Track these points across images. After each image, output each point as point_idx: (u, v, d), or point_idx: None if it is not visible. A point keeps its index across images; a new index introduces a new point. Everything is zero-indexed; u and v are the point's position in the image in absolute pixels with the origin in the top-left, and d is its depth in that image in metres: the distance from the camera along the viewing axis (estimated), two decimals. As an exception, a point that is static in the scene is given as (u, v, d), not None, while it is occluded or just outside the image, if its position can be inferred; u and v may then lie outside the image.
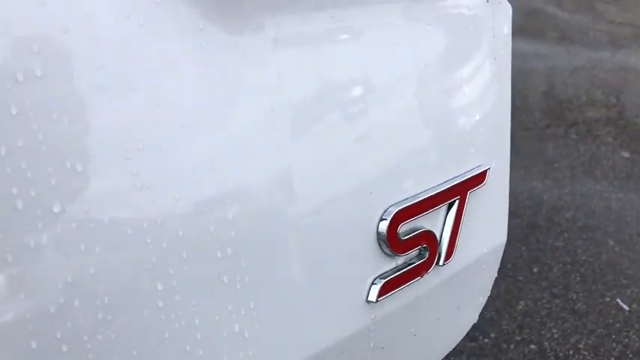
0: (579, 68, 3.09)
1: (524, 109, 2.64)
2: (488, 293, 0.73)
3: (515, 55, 2.45)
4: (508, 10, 0.64)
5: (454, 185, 0.55)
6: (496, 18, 0.61)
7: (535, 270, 1.75)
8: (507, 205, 0.70)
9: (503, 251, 0.72)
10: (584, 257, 1.81)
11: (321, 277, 0.47)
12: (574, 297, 1.66)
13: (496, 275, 0.74)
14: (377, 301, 0.50)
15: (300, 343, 0.47)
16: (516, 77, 2.84)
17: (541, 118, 2.57)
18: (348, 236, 0.48)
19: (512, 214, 2.03)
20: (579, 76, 3.00)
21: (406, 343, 0.60)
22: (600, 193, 2.13)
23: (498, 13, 0.62)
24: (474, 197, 0.59)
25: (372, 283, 0.50)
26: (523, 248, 1.83)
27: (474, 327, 0.73)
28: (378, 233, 0.49)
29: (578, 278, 1.73)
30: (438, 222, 0.56)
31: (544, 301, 1.64)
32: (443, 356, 0.71)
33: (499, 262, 0.72)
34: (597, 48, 3.37)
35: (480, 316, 0.74)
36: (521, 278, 1.71)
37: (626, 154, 2.39)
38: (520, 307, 1.61)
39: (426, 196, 0.52)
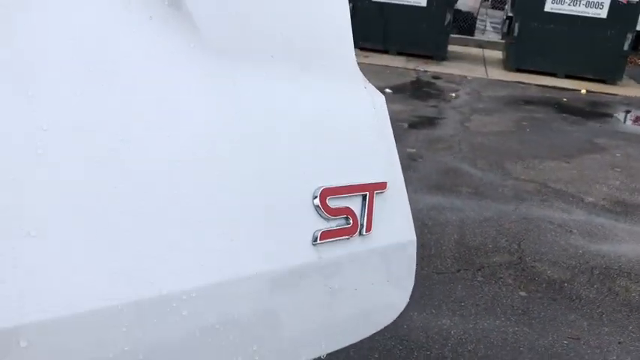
0: (488, 219, 3.59)
1: (438, 255, 3.06)
2: (412, 281, 0.93)
3: (433, 208, 3.00)
4: (382, 97, 0.94)
5: (363, 184, 0.82)
6: (374, 99, 0.91)
7: (440, 395, 2.04)
8: (410, 213, 0.94)
9: (415, 251, 0.93)
10: (482, 383, 2.12)
11: (287, 225, 0.72)
12: (472, 417, 1.93)
13: (415, 267, 0.94)
14: (319, 242, 0.75)
15: (275, 258, 0.70)
16: (432, 228, 3.33)
17: (452, 264, 2.99)
18: (301, 202, 0.74)
19: (423, 347, 2.37)
20: (487, 226, 3.49)
21: (349, 294, 0.81)
22: (499, 328, 2.48)
23: (375, 97, 0.92)
24: (380, 197, 0.85)
25: (315, 233, 0.75)
26: (431, 377, 2.13)
27: None
28: (315, 205, 0.75)
29: (476, 401, 2.02)
30: (357, 205, 0.82)
31: (447, 422, 1.91)
32: (383, 325, 0.89)
33: (415, 257, 0.93)
34: (504, 201, 3.92)
35: None
36: (428, 403, 1.99)
37: (523, 294, 2.79)
38: None
39: (344, 185, 0.80)
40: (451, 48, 9.83)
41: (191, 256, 0.61)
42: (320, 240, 0.76)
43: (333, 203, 0.78)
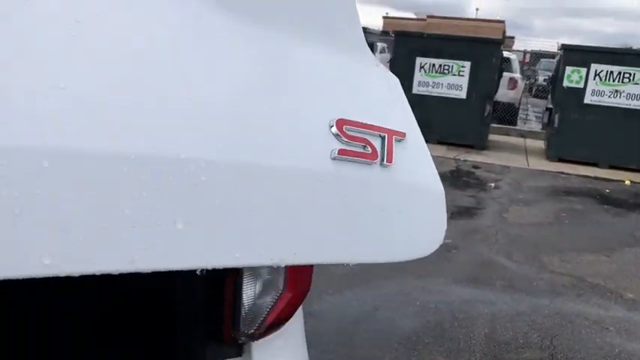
0: (520, 313, 3.58)
1: (467, 350, 3.07)
2: (444, 226, 0.97)
3: (465, 301, 3.09)
4: (395, 78, 1.04)
5: (382, 127, 0.88)
6: (386, 73, 1.03)
7: None
8: (434, 168, 0.97)
9: (444, 200, 0.98)
10: None
11: (306, 139, 0.80)
12: None
13: (446, 218, 0.99)
14: (337, 156, 0.80)
15: (293, 159, 0.77)
16: (463, 321, 3.37)
17: (481, 359, 2.99)
18: (320, 126, 0.81)
19: None
20: (519, 321, 3.48)
21: (373, 214, 0.85)
22: None
23: (388, 72, 1.03)
24: (400, 144, 0.90)
25: (333, 150, 0.81)
26: None
27: None
28: (333, 133, 0.82)
29: None
30: (377, 141, 0.87)
31: None
32: (407, 257, 0.92)
33: (445, 205, 0.97)
34: (538, 295, 3.91)
35: None
36: None
37: (552, 393, 2.76)
38: None
39: (361, 121, 0.86)
40: (492, 137, 10.01)
41: (211, 133, 0.70)
42: (338, 154, 0.81)
43: (351, 133, 0.83)
